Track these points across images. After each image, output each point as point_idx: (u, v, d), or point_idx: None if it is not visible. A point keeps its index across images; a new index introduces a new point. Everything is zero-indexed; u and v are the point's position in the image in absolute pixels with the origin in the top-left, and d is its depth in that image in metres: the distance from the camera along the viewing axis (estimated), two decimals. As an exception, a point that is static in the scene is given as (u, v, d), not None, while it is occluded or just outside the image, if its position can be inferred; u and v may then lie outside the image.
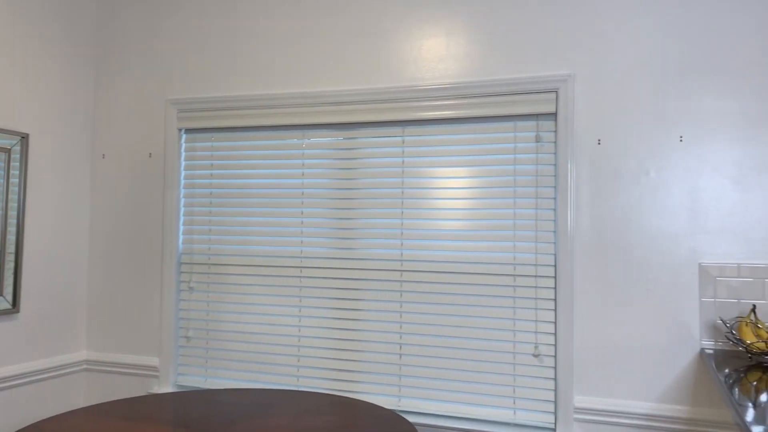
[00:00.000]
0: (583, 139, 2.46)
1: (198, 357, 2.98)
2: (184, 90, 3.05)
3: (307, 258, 2.83)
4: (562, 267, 2.44)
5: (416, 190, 2.68)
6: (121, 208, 3.14)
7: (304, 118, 2.83)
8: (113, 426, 2.11)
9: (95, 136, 3.21)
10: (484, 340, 2.56)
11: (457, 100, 2.60)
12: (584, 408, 2.39)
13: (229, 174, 2.98)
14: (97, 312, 3.15)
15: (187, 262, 3.03)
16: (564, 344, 2.43)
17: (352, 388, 2.73)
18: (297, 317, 2.83)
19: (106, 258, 3.15)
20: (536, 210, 2.52)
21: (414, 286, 2.66)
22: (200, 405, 2.37)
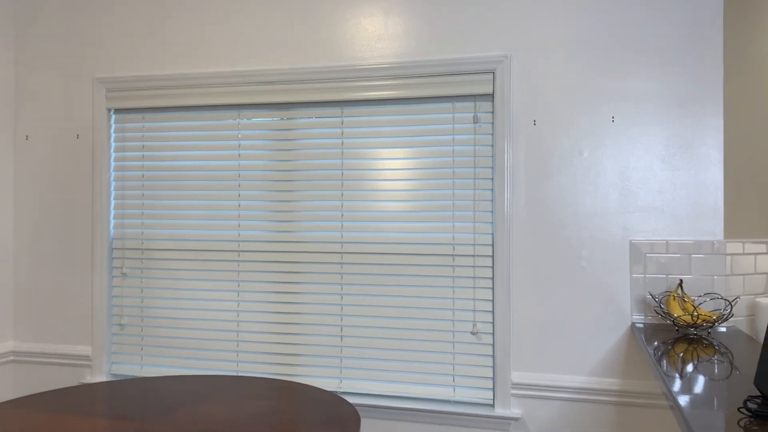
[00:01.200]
0: (520, 120, 2.49)
1: (133, 345, 2.90)
2: (113, 68, 2.93)
3: (245, 242, 2.78)
4: (500, 247, 2.48)
5: (356, 172, 2.66)
6: (47, 192, 3.00)
7: (238, 98, 2.76)
8: (43, 418, 2.02)
9: (17, 116, 3.05)
10: (424, 320, 2.58)
11: (396, 80, 2.59)
12: (521, 383, 2.45)
13: (162, 156, 2.88)
14: (23, 301, 3.02)
15: (119, 247, 2.93)
16: (501, 322, 2.47)
17: (293, 372, 2.72)
18: (236, 302, 2.78)
19: (32, 244, 3.01)
20: (474, 191, 2.54)
21: (354, 268, 2.65)
22: (136, 394, 2.31)
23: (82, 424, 1.99)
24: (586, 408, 2.40)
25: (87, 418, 2.04)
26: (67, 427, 1.96)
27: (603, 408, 2.38)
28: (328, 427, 1.96)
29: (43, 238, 3.00)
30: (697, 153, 2.34)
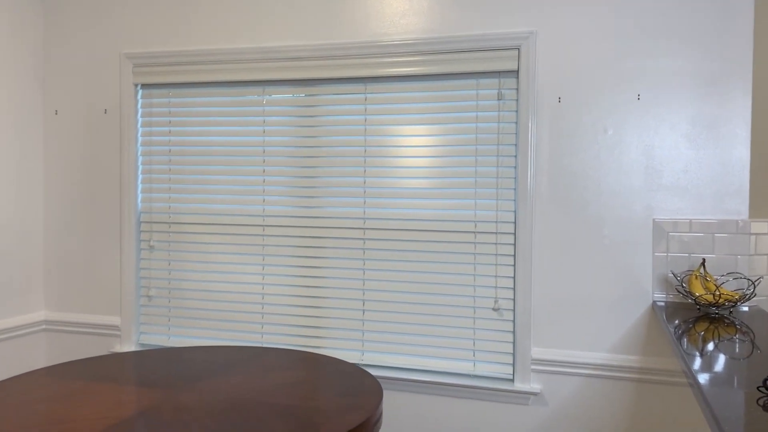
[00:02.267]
0: (544, 97, 2.48)
1: (160, 315, 2.97)
2: (140, 44, 2.96)
3: (269, 216, 2.82)
4: (522, 224, 2.49)
5: (379, 148, 2.68)
6: (76, 166, 3.06)
7: (263, 74, 2.78)
8: (75, 385, 2.10)
9: (46, 91, 3.10)
10: (445, 295, 2.61)
11: (420, 57, 2.59)
12: (541, 359, 2.47)
13: (188, 131, 2.92)
14: (55, 272, 3.10)
15: (146, 221, 2.99)
16: (522, 298, 2.49)
17: (316, 344, 2.77)
18: (260, 275, 2.83)
19: (62, 217, 3.09)
20: (497, 168, 2.54)
21: (377, 243, 2.69)
22: (163, 363, 2.38)
23: (112, 390, 2.06)
24: (605, 384, 2.42)
25: (117, 385, 2.11)
26: (97, 393, 2.03)
27: (622, 385, 2.40)
28: (350, 397, 2.00)
29: (73, 211, 3.07)
30: (724, 131, 2.31)
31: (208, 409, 1.89)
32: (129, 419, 1.80)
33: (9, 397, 1.98)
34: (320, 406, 1.92)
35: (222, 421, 1.80)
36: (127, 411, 1.87)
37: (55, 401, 1.95)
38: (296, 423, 1.78)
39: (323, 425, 1.76)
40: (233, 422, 1.79)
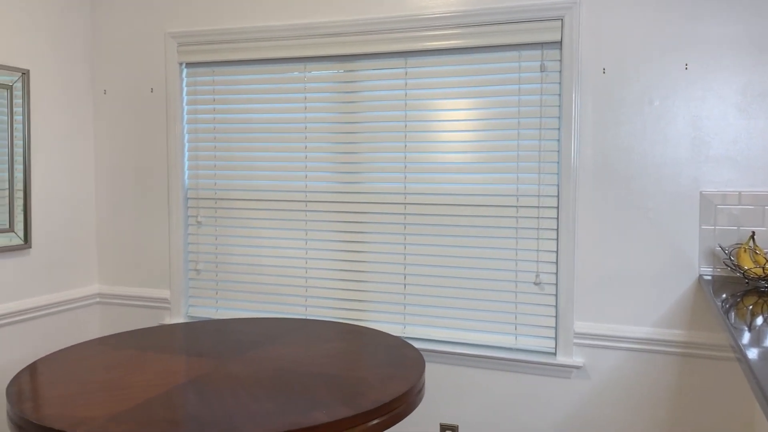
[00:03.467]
0: (588, 68, 2.44)
1: (208, 289, 3.06)
2: (184, 23, 3.01)
3: (311, 192, 2.86)
4: (565, 197, 2.46)
5: (420, 123, 2.68)
6: (125, 144, 3.15)
7: (304, 51, 2.80)
8: (128, 354, 2.19)
9: (95, 71, 3.19)
10: (487, 269, 2.61)
11: (461, 29, 2.57)
12: (584, 333, 2.47)
13: (231, 108, 2.97)
14: (107, 247, 3.21)
15: (193, 197, 3.06)
16: (565, 272, 2.48)
17: (358, 317, 2.81)
18: (303, 249, 2.89)
19: (112, 194, 3.19)
20: (540, 141, 2.52)
21: (418, 218, 2.70)
22: (212, 334, 2.45)
23: (163, 360, 2.14)
24: (649, 358, 2.40)
25: (168, 355, 2.19)
26: (150, 362, 2.11)
27: (667, 359, 2.38)
28: (394, 368, 2.04)
29: (123, 188, 3.16)
30: (777, 101, 2.24)
31: (256, 378, 1.95)
32: (181, 386, 1.87)
33: (68, 365, 2.08)
34: (364, 376, 1.96)
35: (269, 389, 1.86)
36: (178, 379, 1.94)
37: (111, 369, 2.04)
38: (341, 392, 1.83)
39: (367, 394, 1.81)
40: (280, 390, 1.84)
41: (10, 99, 2.74)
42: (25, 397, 1.77)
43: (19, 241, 2.79)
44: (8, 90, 2.72)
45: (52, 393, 1.81)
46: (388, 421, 1.76)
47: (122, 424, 1.58)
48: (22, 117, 2.79)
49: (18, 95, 2.77)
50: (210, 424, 1.59)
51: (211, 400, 1.76)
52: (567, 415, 2.51)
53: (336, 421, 1.62)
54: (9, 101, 2.73)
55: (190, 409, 1.69)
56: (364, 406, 1.71)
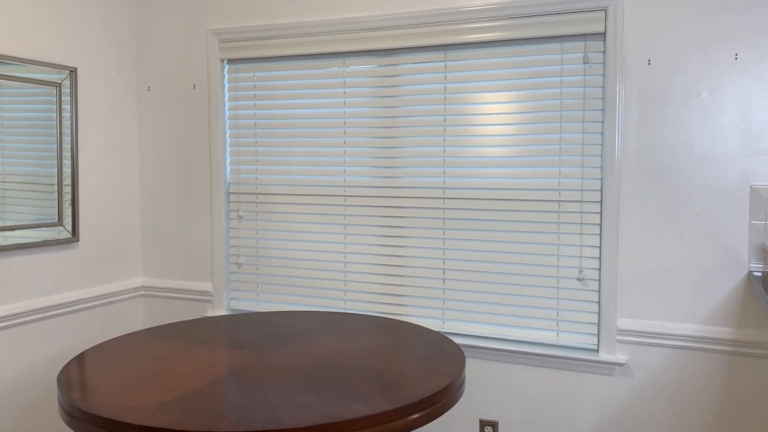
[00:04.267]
0: (633, 60, 2.38)
1: (249, 282, 3.10)
2: (225, 19, 3.05)
3: (350, 186, 2.87)
4: (609, 191, 2.42)
5: (459, 117, 2.66)
6: (168, 140, 3.21)
7: (343, 45, 2.81)
8: (172, 345, 2.23)
9: (140, 68, 3.25)
10: (528, 264, 2.59)
11: (502, 21, 2.54)
12: (627, 330, 2.42)
13: (272, 104, 3.00)
14: (151, 240, 3.28)
15: (235, 191, 3.10)
16: (608, 268, 2.44)
17: (397, 311, 2.82)
18: (342, 244, 2.90)
19: (156, 189, 3.25)
20: (583, 134, 2.48)
21: (457, 213, 2.68)
22: (253, 327, 2.48)
23: (206, 351, 2.17)
24: (695, 356, 2.34)
25: (210, 346, 2.23)
26: (193, 353, 2.15)
27: (714, 357, 2.32)
28: (434, 363, 2.04)
29: (166, 183, 3.22)
30: (833, 91, 2.16)
31: (297, 370, 1.97)
32: (224, 378, 1.90)
33: (115, 355, 2.13)
34: (404, 370, 1.96)
35: (310, 381, 1.87)
36: (221, 370, 1.97)
37: (156, 360, 2.08)
38: (381, 385, 1.83)
39: (407, 388, 1.81)
40: (320, 383, 1.86)
41: (59, 96, 2.81)
42: (74, 386, 1.82)
43: (67, 234, 2.86)
44: (57, 87, 2.80)
45: (101, 382, 1.86)
46: (428, 416, 1.76)
47: (168, 413, 1.62)
48: (70, 114, 2.86)
49: (66, 92, 2.85)
50: (252, 414, 1.61)
51: (253, 391, 1.78)
52: (609, 413, 2.47)
53: (376, 414, 1.62)
54: (58, 98, 2.80)
55: (233, 399, 1.72)
56: (404, 400, 1.71)
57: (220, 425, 1.54)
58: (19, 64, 2.62)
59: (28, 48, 2.68)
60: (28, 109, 2.68)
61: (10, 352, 2.63)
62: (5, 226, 2.59)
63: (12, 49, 2.61)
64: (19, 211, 2.66)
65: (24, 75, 2.65)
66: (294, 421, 1.56)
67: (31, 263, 2.72)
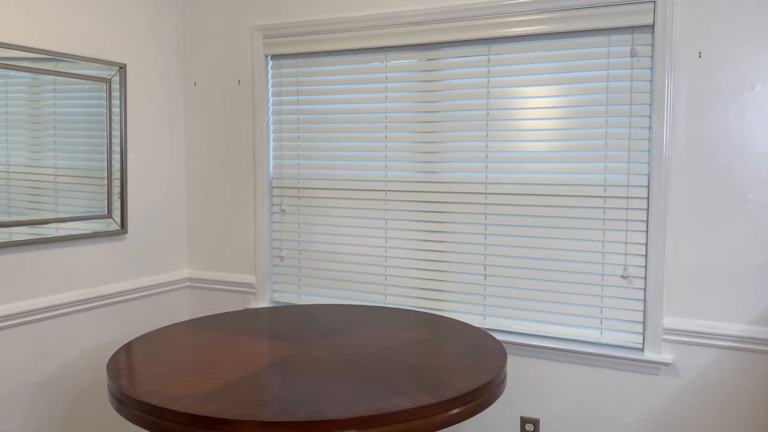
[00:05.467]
0: (683, 53, 2.32)
1: (291, 275, 3.13)
2: (269, 15, 3.08)
3: (391, 181, 2.87)
4: (656, 187, 2.37)
5: (502, 111, 2.64)
6: (213, 135, 3.26)
7: (386, 40, 2.81)
8: (217, 336, 2.28)
9: (186, 64, 3.32)
10: (571, 261, 2.55)
11: (547, 14, 2.50)
12: (674, 329, 2.36)
13: (314, 99, 3.02)
14: (196, 233, 3.35)
15: (278, 186, 3.14)
16: (655, 265, 2.38)
17: (437, 306, 2.81)
18: (383, 238, 2.91)
19: (202, 183, 3.31)
20: (629, 129, 2.43)
21: (499, 208, 2.66)
22: (295, 319, 2.51)
23: (249, 342, 2.21)
24: (745, 358, 2.27)
25: (253, 337, 2.27)
26: (237, 344, 2.19)
27: (765, 359, 2.24)
28: (475, 358, 2.03)
29: (212, 178, 3.28)
30: None
31: (338, 362, 1.99)
32: (267, 368, 1.93)
33: (161, 344, 2.18)
34: (445, 365, 1.96)
35: (351, 373, 1.88)
36: (264, 360, 2.00)
37: (201, 349, 2.13)
38: (422, 379, 1.83)
39: (448, 383, 1.80)
40: (362, 375, 1.87)
41: (109, 92, 2.89)
42: (123, 374, 1.87)
43: (116, 227, 2.94)
44: (107, 83, 2.87)
45: (148, 370, 1.90)
46: (469, 411, 1.75)
47: (213, 402, 1.65)
48: (120, 109, 2.94)
49: (116, 88, 2.92)
50: (295, 405, 1.63)
51: (296, 382, 1.80)
52: (653, 413, 2.42)
53: (418, 408, 1.62)
54: (108, 94, 2.88)
55: (275, 390, 1.74)
56: (445, 395, 1.70)
57: (264, 414, 1.56)
58: (72, 60, 2.70)
59: (80, 45, 2.76)
60: (80, 104, 2.76)
61: (63, 340, 2.72)
62: (58, 218, 2.68)
63: (66, 46, 2.69)
64: (71, 204, 2.75)
65: (77, 71, 2.73)
66: (336, 413, 1.58)
67: (82, 254, 2.81)
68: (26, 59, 2.52)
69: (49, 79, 2.62)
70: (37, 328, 2.61)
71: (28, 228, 2.56)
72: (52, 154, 2.66)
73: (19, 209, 2.53)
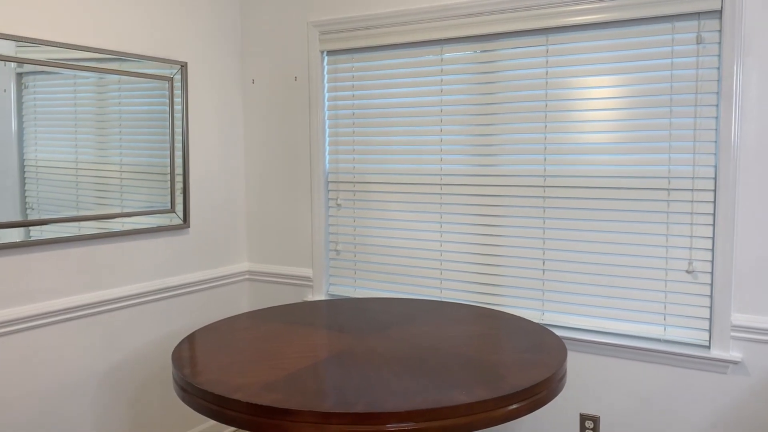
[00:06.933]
0: (753, 38, 2.22)
1: (347, 269, 3.16)
2: (324, 11, 3.10)
3: (447, 175, 2.86)
4: (724, 178, 2.28)
5: (561, 102, 2.59)
6: (271, 131, 3.32)
7: (441, 33, 2.79)
8: (276, 327, 2.32)
9: (244, 62, 3.38)
10: (633, 256, 2.48)
11: (608, 2, 2.44)
12: (743, 326, 2.27)
13: (370, 94, 3.03)
14: (255, 227, 3.41)
15: (333, 180, 3.17)
16: (722, 260, 2.30)
17: (494, 301, 2.78)
18: (438, 232, 2.89)
19: (260, 178, 3.37)
20: (695, 119, 2.34)
21: (558, 201, 2.61)
22: (351, 312, 2.53)
23: (309, 334, 2.24)
24: (822, 357, 2.17)
25: (311, 328, 2.30)
26: (297, 335, 2.22)
27: (843, 359, 2.14)
28: (534, 353, 2.00)
29: (269, 173, 3.34)
30: None
31: (395, 355, 1.99)
32: (326, 359, 1.95)
33: (223, 335, 2.24)
34: (503, 360, 1.94)
35: (408, 366, 1.89)
36: (323, 352, 2.03)
37: (262, 340, 2.17)
38: (480, 373, 1.82)
39: (507, 378, 1.79)
40: (419, 368, 1.87)
41: (171, 90, 2.97)
42: (186, 363, 1.93)
43: (179, 221, 3.03)
44: (169, 82, 2.96)
45: (211, 360, 1.95)
46: (528, 407, 1.73)
47: (274, 392, 1.68)
48: (181, 107, 3.02)
49: (177, 86, 3.00)
50: (354, 396, 1.64)
51: (354, 374, 1.82)
52: (721, 413, 2.34)
53: (476, 403, 1.61)
54: (170, 92, 2.96)
55: (334, 381, 1.76)
56: (503, 390, 1.69)
57: (323, 405, 1.58)
58: (135, 60, 2.79)
59: (143, 45, 2.84)
60: (144, 102, 2.85)
61: (130, 330, 2.82)
62: (124, 213, 2.78)
63: (129, 46, 2.78)
64: (136, 199, 2.84)
65: (140, 71, 2.81)
66: (394, 406, 1.58)
67: (147, 247, 2.90)
68: (92, 60, 2.62)
69: (114, 78, 2.71)
70: (106, 318, 2.72)
71: (95, 222, 2.66)
72: (118, 151, 2.75)
73: (87, 205, 2.63)
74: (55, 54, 2.48)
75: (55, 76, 2.50)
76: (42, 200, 2.47)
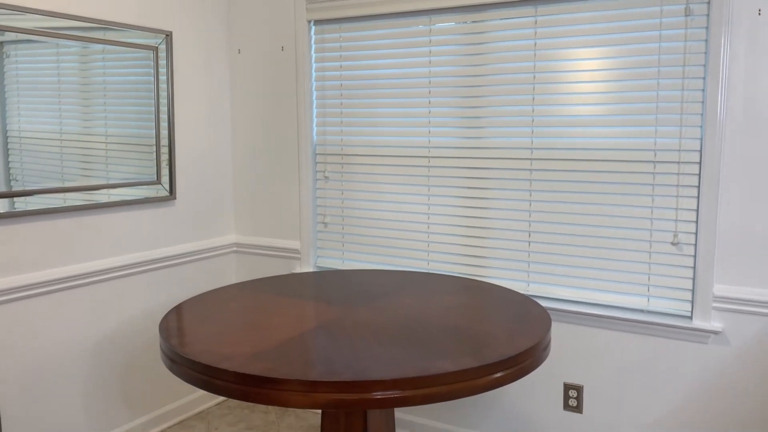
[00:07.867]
0: (741, 10, 2.22)
1: (335, 241, 3.17)
2: (312, -20, 3.06)
3: (435, 147, 2.85)
4: (709, 152, 2.29)
5: (549, 74, 2.58)
6: (258, 102, 3.29)
7: (429, 3, 2.76)
8: (265, 298, 2.33)
9: (230, 31, 3.33)
10: (619, 228, 2.51)
11: (597, -26, 2.42)
12: (724, 297, 2.31)
13: (357, 65, 3.01)
14: (242, 199, 3.40)
15: (321, 152, 3.16)
16: (706, 232, 2.32)
17: (480, 273, 2.81)
18: (426, 204, 2.90)
19: (247, 150, 3.35)
20: (682, 91, 2.35)
21: (545, 174, 2.62)
22: (339, 283, 2.55)
23: (296, 305, 2.25)
24: (800, 327, 2.22)
25: (300, 300, 2.31)
26: (284, 306, 2.23)
27: (821, 328, 2.19)
28: (519, 323, 2.03)
29: (257, 145, 3.32)
30: None
31: (382, 326, 2.01)
32: (314, 330, 1.97)
33: (210, 307, 2.24)
34: (489, 330, 1.97)
35: (396, 336, 1.91)
36: (311, 323, 2.04)
37: (249, 311, 2.18)
38: (466, 343, 1.84)
39: (492, 347, 1.81)
40: (406, 338, 1.89)
41: (156, 60, 2.93)
42: (174, 334, 1.93)
43: (165, 192, 3.01)
44: (154, 51, 2.91)
45: (199, 331, 1.96)
46: (513, 375, 1.76)
47: (262, 362, 1.69)
48: (166, 77, 2.98)
49: (162, 56, 2.96)
50: (341, 365, 1.66)
51: (342, 344, 1.83)
52: (701, 382, 2.39)
53: (461, 371, 1.64)
54: (155, 62, 2.92)
55: (322, 351, 1.77)
56: (489, 358, 1.71)
57: (311, 374, 1.60)
58: (120, 29, 2.74)
59: (127, 13, 2.79)
60: (128, 72, 2.81)
61: (117, 301, 2.82)
62: (109, 184, 2.75)
63: (114, 14, 2.73)
64: (121, 171, 2.82)
65: (124, 40, 2.77)
66: (381, 374, 1.60)
67: (133, 219, 2.89)
68: (76, 29, 2.57)
69: (98, 48, 2.67)
70: (92, 290, 2.71)
71: (81, 194, 2.65)
72: (102, 122, 2.72)
73: (72, 176, 2.61)
74: (37, 22, 2.44)
75: (38, 45, 2.46)
76: (26, 171, 2.45)
